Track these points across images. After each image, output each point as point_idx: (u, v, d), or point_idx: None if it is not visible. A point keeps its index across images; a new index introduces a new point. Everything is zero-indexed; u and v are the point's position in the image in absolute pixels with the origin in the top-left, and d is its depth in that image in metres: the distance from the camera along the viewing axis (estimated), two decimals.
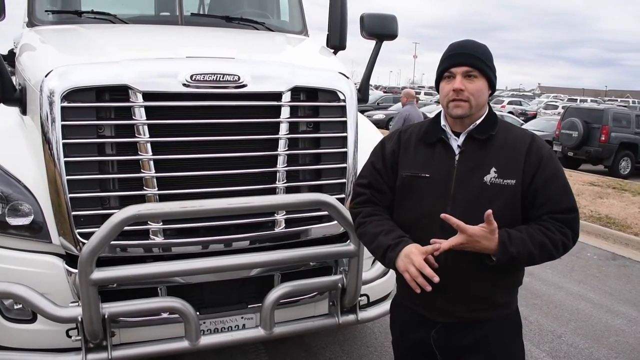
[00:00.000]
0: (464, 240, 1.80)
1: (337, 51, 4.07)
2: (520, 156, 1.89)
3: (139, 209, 2.32)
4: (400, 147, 2.07)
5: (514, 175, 1.87)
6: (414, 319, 2.09)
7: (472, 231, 1.78)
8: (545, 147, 1.96)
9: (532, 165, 1.88)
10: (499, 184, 1.87)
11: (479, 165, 1.90)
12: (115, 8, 3.66)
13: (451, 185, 1.91)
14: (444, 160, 1.95)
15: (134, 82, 2.51)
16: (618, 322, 4.84)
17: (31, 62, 2.95)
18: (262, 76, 2.75)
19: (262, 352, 3.81)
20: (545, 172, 1.88)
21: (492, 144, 1.93)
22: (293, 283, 2.75)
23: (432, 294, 1.92)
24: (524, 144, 1.92)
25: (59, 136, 2.45)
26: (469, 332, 1.99)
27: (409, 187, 2.00)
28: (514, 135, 1.96)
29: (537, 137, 1.99)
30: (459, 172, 1.91)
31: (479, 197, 1.88)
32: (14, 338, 2.64)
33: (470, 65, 1.89)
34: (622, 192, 10.73)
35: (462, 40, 2.01)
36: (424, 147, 2.01)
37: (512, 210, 1.89)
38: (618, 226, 7.99)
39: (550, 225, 1.86)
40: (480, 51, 1.93)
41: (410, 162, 2.02)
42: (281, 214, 2.80)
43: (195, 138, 2.64)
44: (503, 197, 1.87)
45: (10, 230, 2.55)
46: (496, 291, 1.98)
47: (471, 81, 1.89)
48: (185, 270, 2.58)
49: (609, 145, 14.81)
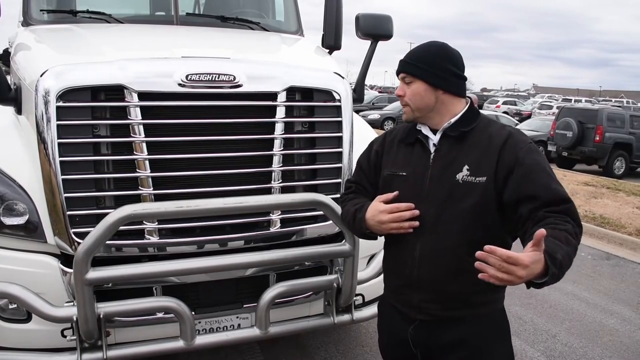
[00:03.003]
0: (524, 274, 1.53)
1: (332, 51, 4.09)
2: (493, 153, 1.85)
3: (135, 208, 2.32)
4: (385, 148, 2.13)
5: (485, 173, 1.84)
6: (395, 315, 2.11)
7: (529, 260, 1.52)
8: (522, 142, 1.88)
9: (507, 162, 1.82)
10: (471, 181, 1.85)
11: (452, 162, 1.91)
12: (110, 8, 3.66)
13: (425, 183, 1.93)
14: (421, 159, 1.99)
15: (130, 81, 2.51)
16: (612, 321, 4.87)
17: (26, 61, 2.95)
18: (257, 76, 2.75)
19: (257, 352, 3.82)
20: (524, 166, 1.81)
21: (467, 142, 1.92)
22: (288, 283, 2.75)
23: (409, 291, 1.99)
24: (499, 141, 1.87)
25: (54, 136, 2.44)
26: (447, 330, 1.97)
27: (388, 186, 2.03)
28: (491, 132, 1.92)
29: (516, 133, 1.93)
30: (433, 170, 1.94)
31: (450, 195, 1.87)
32: (8, 338, 2.64)
33: (403, 71, 1.99)
34: (617, 192, 10.78)
35: (417, 46, 2.06)
36: (405, 147, 2.06)
37: (484, 208, 1.84)
38: (612, 226, 8.03)
39: (551, 219, 1.71)
40: (416, 55, 1.97)
41: (391, 161, 2.07)
42: (276, 214, 2.81)
43: (191, 138, 2.64)
44: (474, 195, 1.84)
45: (5, 229, 2.55)
46: (473, 291, 1.91)
47: (408, 86, 1.98)
48: (181, 270, 2.58)
49: (603, 145, 14.89)
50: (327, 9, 4.01)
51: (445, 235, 1.89)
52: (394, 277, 2.09)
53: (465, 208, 1.84)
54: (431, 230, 1.91)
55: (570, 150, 15.41)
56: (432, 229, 1.91)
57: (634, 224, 8.13)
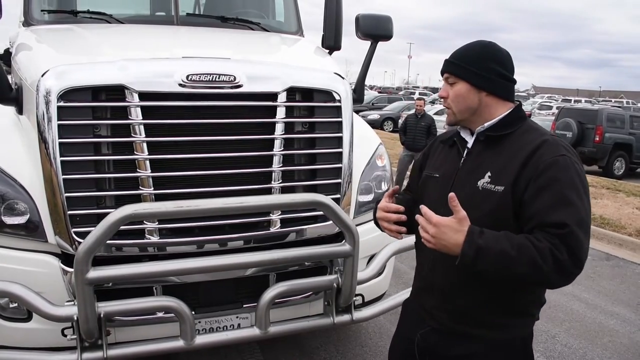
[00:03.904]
0: (432, 232, 1.66)
1: (332, 51, 4.09)
2: (518, 162, 1.72)
3: (135, 208, 2.33)
4: (431, 150, 2.11)
5: (504, 182, 1.73)
6: (412, 316, 2.08)
7: (437, 220, 1.66)
8: (551, 153, 1.70)
9: (529, 173, 1.70)
10: (490, 189, 1.75)
11: (478, 168, 1.82)
12: (111, 8, 3.67)
13: (450, 187, 1.85)
14: (453, 161, 1.94)
15: (130, 82, 2.52)
16: (612, 322, 4.88)
17: (28, 61, 2.95)
18: (257, 76, 2.76)
19: (256, 351, 3.82)
20: (540, 180, 1.68)
21: (497, 148, 1.81)
22: (288, 283, 2.76)
23: (424, 295, 1.96)
24: (528, 150, 1.72)
25: (55, 135, 2.45)
26: (456, 344, 1.88)
27: (423, 186, 2.03)
28: (526, 139, 1.78)
29: (549, 143, 1.74)
30: (460, 173, 1.87)
31: (469, 200, 1.74)
32: (9, 337, 2.64)
33: (446, 71, 1.89)
34: (616, 193, 10.79)
35: (461, 46, 1.94)
36: (446, 148, 2.02)
37: (500, 218, 1.72)
38: (612, 226, 8.04)
39: (539, 235, 1.62)
40: (460, 55, 1.87)
41: (432, 163, 2.05)
42: (276, 214, 2.81)
43: (191, 138, 2.65)
44: (491, 204, 1.74)
45: (6, 229, 2.56)
46: (483, 307, 1.82)
47: (452, 87, 1.87)
48: (181, 270, 2.59)
49: (603, 145, 14.89)
50: (327, 9, 4.02)
51: None
52: (418, 278, 2.07)
53: (481, 216, 1.72)
54: None
55: None
56: None
57: (633, 224, 8.14)
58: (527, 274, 1.60)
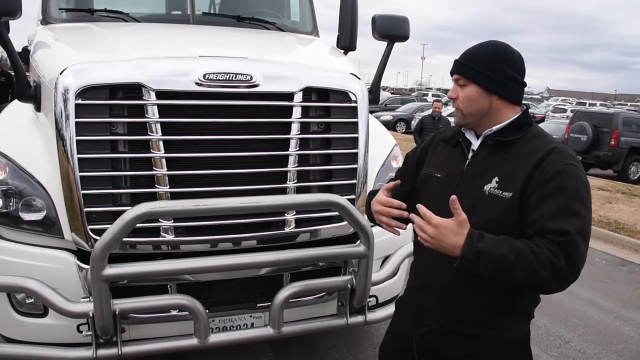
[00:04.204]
0: (431, 232, 1.66)
1: (347, 52, 4.09)
2: (527, 169, 1.71)
3: (152, 206, 2.33)
4: (431, 146, 2.08)
5: (513, 188, 1.71)
6: (408, 316, 2.07)
7: (437, 221, 1.66)
8: (562, 161, 1.70)
9: (536, 179, 1.69)
10: (497, 195, 1.73)
11: (485, 172, 1.80)
12: (127, 7, 3.69)
13: (454, 189, 1.83)
14: (457, 163, 1.91)
15: (147, 80, 2.53)
16: (627, 328, 4.81)
17: (46, 59, 2.98)
18: (274, 76, 2.75)
19: (269, 351, 3.82)
20: (547, 187, 1.67)
21: (505, 152, 1.80)
22: (302, 283, 2.75)
23: (423, 295, 1.96)
24: (537, 157, 1.71)
25: (73, 133, 2.47)
26: (455, 344, 1.88)
27: (423, 185, 2.01)
28: (534, 146, 1.76)
29: (559, 151, 1.73)
30: (465, 177, 1.85)
31: (474, 205, 1.75)
32: (25, 332, 2.67)
33: (457, 73, 1.85)
34: (632, 198, 10.66)
35: (474, 45, 1.92)
36: (449, 148, 1.99)
37: (505, 224, 1.71)
38: (627, 232, 7.94)
39: (538, 241, 1.63)
40: (473, 57, 1.84)
41: (432, 161, 2.02)
42: (291, 214, 2.81)
43: (207, 137, 2.66)
44: (498, 209, 1.72)
45: (23, 225, 2.58)
46: (482, 310, 1.83)
47: (462, 89, 1.84)
48: (195, 268, 2.59)
49: (619, 149, 14.70)
50: (342, 10, 4.01)
51: None
52: (414, 277, 2.06)
53: (485, 220, 1.72)
54: None
55: (585, 155, 15.21)
56: None
57: None
58: (525, 279, 1.61)
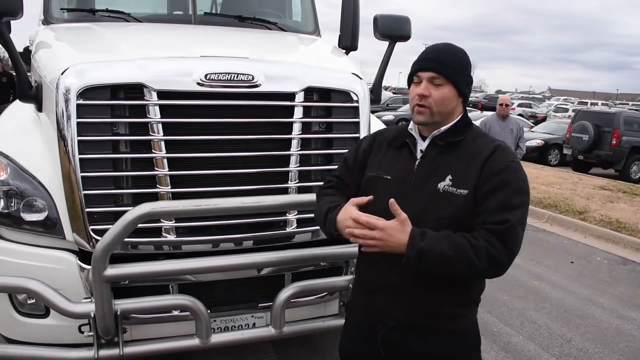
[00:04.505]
0: (379, 236, 1.76)
1: (349, 52, 4.08)
2: (477, 166, 1.83)
3: (153, 206, 2.34)
4: (373, 148, 2.09)
5: (467, 186, 1.81)
6: (362, 319, 2.08)
7: (383, 224, 1.76)
8: (505, 158, 1.85)
9: (484, 177, 1.81)
10: (452, 192, 1.83)
11: (436, 171, 1.88)
12: (129, 7, 3.69)
13: (407, 189, 1.90)
14: (406, 164, 1.95)
15: (149, 80, 2.53)
16: (629, 327, 4.81)
17: (47, 59, 2.98)
18: (275, 76, 2.75)
19: (270, 351, 3.82)
20: (492, 183, 1.80)
21: (454, 152, 1.89)
22: (304, 283, 2.75)
23: (381, 296, 1.97)
24: (484, 155, 1.84)
25: (74, 133, 2.47)
26: (416, 339, 1.94)
27: (370, 187, 2.00)
28: (479, 145, 1.89)
29: (503, 148, 1.89)
30: (416, 177, 1.91)
31: (430, 203, 1.84)
32: (27, 332, 2.67)
33: (435, 71, 1.87)
34: (633, 197, 10.65)
35: (438, 44, 1.99)
36: (393, 150, 2.02)
37: (460, 220, 1.81)
38: (629, 231, 7.92)
39: (477, 233, 1.76)
40: (450, 57, 1.90)
41: (377, 163, 2.04)
42: (293, 214, 2.81)
43: (209, 137, 2.65)
44: (453, 207, 1.82)
45: (25, 225, 2.58)
46: (442, 302, 1.91)
47: (436, 88, 1.87)
48: (196, 269, 2.60)
49: (620, 149, 14.70)
50: (344, 10, 4.00)
51: None
52: (365, 280, 2.06)
53: (442, 217, 1.82)
54: None
55: (586, 154, 15.23)
56: None
57: None
58: (464, 271, 1.77)
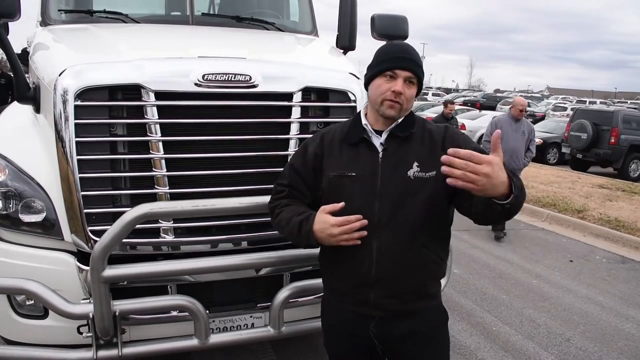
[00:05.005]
0: (487, 171, 1.61)
1: (347, 51, 4.09)
2: (437, 148, 1.97)
3: (151, 207, 2.34)
4: (324, 150, 2.11)
5: (434, 167, 1.91)
6: (347, 317, 2.11)
7: (491, 158, 1.63)
8: (458, 134, 2.06)
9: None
10: (422, 177, 1.94)
11: (402, 160, 1.97)
12: (126, 8, 3.69)
13: (377, 181, 1.97)
14: (369, 158, 2.01)
15: (147, 81, 2.53)
16: (628, 326, 4.82)
17: (45, 60, 2.98)
18: (273, 76, 2.75)
19: (269, 351, 3.83)
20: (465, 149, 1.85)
21: (412, 141, 2.01)
22: (302, 283, 2.75)
23: (366, 290, 2.01)
24: (439, 136, 2.02)
25: (72, 134, 2.47)
26: (403, 322, 2.05)
27: (336, 187, 2.03)
28: (430, 130, 2.05)
29: (450, 127, 2.09)
30: (384, 168, 1.98)
31: (404, 191, 1.95)
32: (25, 333, 2.67)
33: (413, 72, 1.97)
34: (632, 195, 10.66)
35: (405, 43, 2.09)
36: (348, 147, 2.06)
37: (436, 200, 1.95)
38: (628, 229, 7.94)
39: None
40: (418, 58, 2.02)
41: (335, 163, 2.06)
42: None
43: (207, 137, 2.65)
44: (427, 189, 1.94)
45: (23, 226, 2.58)
46: (426, 283, 2.06)
47: (409, 87, 1.98)
48: (195, 269, 2.60)
49: (619, 147, 14.72)
50: (341, 10, 4.01)
51: (401, 230, 1.95)
52: (348, 278, 2.06)
53: (418, 202, 1.94)
54: (387, 226, 1.96)
55: (585, 153, 15.25)
56: (388, 225, 1.95)
57: None
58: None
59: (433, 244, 2.03)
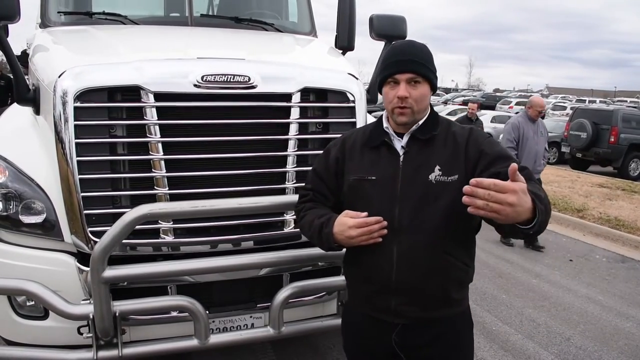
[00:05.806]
0: (512, 200, 1.52)
1: (346, 52, 4.09)
2: (460, 151, 1.91)
3: (151, 208, 2.35)
4: (345, 154, 2.09)
5: (456, 171, 1.88)
6: (370, 324, 2.07)
7: (515, 186, 1.54)
8: (482, 136, 1.98)
9: (472, 157, 1.89)
10: (444, 181, 1.88)
11: (424, 164, 1.92)
12: (125, 9, 3.70)
13: (397, 185, 1.93)
14: (390, 161, 1.97)
15: (146, 82, 2.54)
16: (628, 325, 4.82)
17: (45, 62, 2.98)
18: (272, 77, 2.76)
19: (269, 351, 3.83)
20: (488, 156, 1.87)
21: (434, 143, 1.95)
22: (302, 283, 2.76)
23: (386, 297, 1.97)
24: (462, 139, 1.94)
25: (72, 136, 2.48)
26: (426, 330, 2.00)
27: (356, 190, 2.01)
28: (454, 132, 1.98)
29: (475, 129, 2.02)
30: (405, 172, 1.93)
31: (425, 195, 1.89)
32: (26, 334, 2.68)
33: (414, 72, 1.91)
34: (632, 194, 10.66)
35: (405, 43, 2.04)
36: (369, 150, 2.03)
37: (458, 205, 1.71)
38: (627, 228, 7.94)
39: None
40: (422, 55, 1.95)
41: (356, 166, 2.04)
42: (290, 214, 2.81)
43: (206, 138, 2.66)
44: (449, 194, 1.86)
45: (23, 228, 2.59)
46: (449, 289, 1.97)
47: (414, 87, 1.92)
48: (195, 270, 2.60)
49: (618, 146, 14.71)
50: (340, 10, 4.01)
51: (422, 235, 1.90)
52: (367, 284, 2.04)
53: (440, 206, 1.87)
54: (407, 230, 1.91)
55: (584, 152, 15.25)
56: (408, 230, 1.91)
57: None
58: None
59: (456, 250, 1.95)
